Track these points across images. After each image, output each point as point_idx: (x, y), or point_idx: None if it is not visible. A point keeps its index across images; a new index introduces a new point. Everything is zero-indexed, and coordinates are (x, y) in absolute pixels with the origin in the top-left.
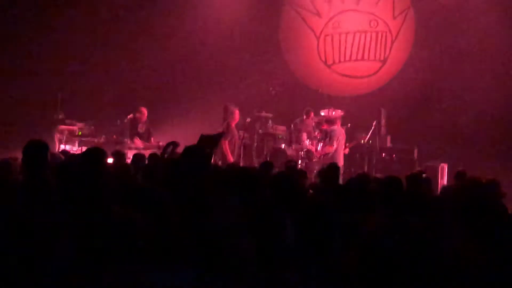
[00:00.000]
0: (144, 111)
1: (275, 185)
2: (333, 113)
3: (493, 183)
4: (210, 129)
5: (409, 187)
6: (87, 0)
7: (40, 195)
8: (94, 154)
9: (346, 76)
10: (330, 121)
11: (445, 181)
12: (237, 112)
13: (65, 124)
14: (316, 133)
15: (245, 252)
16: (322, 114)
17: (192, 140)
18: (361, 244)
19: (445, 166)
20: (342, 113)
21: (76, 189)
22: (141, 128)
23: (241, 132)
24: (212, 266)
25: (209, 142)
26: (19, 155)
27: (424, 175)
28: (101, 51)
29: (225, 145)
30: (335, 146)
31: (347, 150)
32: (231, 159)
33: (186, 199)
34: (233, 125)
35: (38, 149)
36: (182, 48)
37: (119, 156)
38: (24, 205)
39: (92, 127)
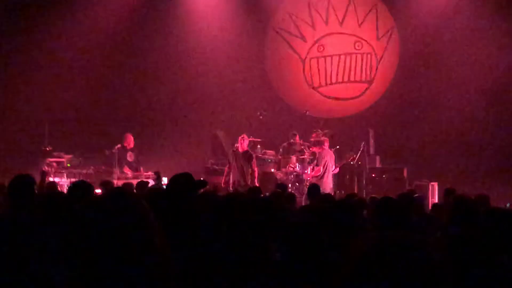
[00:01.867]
0: (130, 137)
1: (260, 209)
2: (321, 135)
3: (483, 198)
4: (199, 156)
5: (401, 206)
6: (72, 31)
7: (24, 229)
8: (81, 188)
9: (333, 98)
10: (318, 143)
11: (436, 200)
12: (246, 138)
13: (53, 156)
14: (305, 156)
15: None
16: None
17: (181, 167)
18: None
19: (435, 185)
20: (328, 133)
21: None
22: (130, 157)
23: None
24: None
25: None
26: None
27: (416, 195)
28: (87, 82)
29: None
30: (322, 168)
31: (336, 170)
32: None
33: (172, 224)
34: (240, 151)
35: (23, 184)
36: (167, 75)
37: (108, 186)
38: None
39: (80, 159)
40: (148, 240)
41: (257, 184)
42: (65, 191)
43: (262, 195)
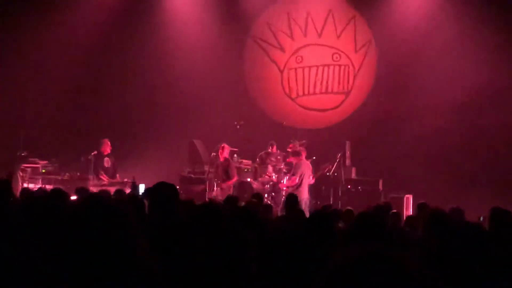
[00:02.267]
0: (107, 142)
1: (239, 219)
2: (298, 146)
3: (458, 212)
4: (176, 164)
5: (376, 218)
6: (48, 36)
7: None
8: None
9: (311, 109)
10: (295, 153)
11: (410, 212)
12: (226, 147)
13: (28, 162)
14: (282, 165)
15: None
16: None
17: (157, 175)
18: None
19: (410, 197)
20: (305, 144)
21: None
22: (107, 163)
23: (206, 167)
24: None
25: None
26: None
27: (393, 210)
28: (63, 87)
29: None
30: (298, 178)
31: (313, 180)
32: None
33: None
34: (221, 159)
35: None
36: (144, 82)
37: (83, 193)
38: None
39: (56, 165)
40: (132, 244)
41: (230, 193)
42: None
43: (238, 205)
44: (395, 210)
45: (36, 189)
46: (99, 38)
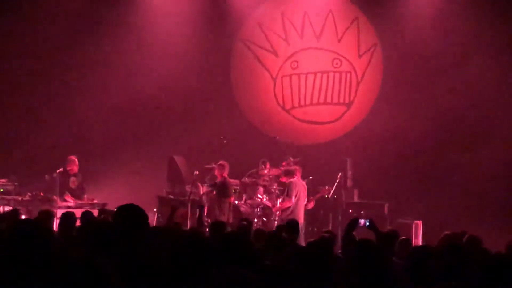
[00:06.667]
0: (74, 159)
1: (225, 247)
2: (292, 163)
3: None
4: (153, 184)
5: (383, 250)
6: (9, 43)
7: None
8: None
9: (307, 122)
10: (288, 172)
11: (419, 241)
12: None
13: None
14: (274, 186)
15: None
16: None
17: (131, 197)
18: None
19: (420, 224)
20: (300, 162)
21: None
22: (73, 183)
23: (188, 187)
24: None
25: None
26: None
27: (402, 237)
28: (26, 99)
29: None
30: (293, 200)
31: (311, 205)
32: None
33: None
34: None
35: None
36: (120, 93)
37: (47, 216)
38: None
39: (16, 183)
40: None
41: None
42: None
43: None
44: (403, 237)
45: None
46: (66, 42)
